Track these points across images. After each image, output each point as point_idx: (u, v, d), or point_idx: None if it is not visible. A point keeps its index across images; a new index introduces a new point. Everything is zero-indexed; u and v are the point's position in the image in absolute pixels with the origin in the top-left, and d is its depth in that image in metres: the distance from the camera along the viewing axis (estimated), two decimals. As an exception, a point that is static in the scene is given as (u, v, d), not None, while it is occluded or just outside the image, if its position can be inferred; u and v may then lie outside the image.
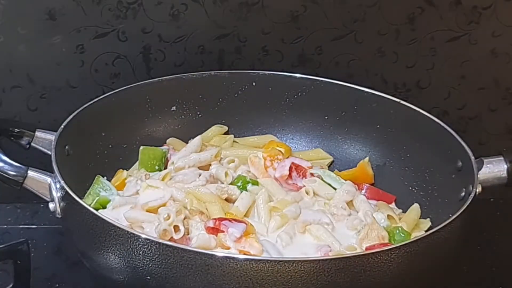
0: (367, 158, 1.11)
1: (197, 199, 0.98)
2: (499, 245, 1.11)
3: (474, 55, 1.17)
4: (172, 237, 0.92)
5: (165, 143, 1.12)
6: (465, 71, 1.18)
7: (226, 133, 1.15)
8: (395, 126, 1.10)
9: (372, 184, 1.09)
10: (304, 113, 1.15)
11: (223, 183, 1.03)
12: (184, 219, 0.94)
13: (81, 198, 0.90)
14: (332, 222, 0.98)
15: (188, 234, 0.94)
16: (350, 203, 1.01)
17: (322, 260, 0.83)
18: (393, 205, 1.06)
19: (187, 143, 1.11)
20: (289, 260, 0.82)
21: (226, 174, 1.03)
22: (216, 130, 1.14)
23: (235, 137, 1.15)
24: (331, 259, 0.84)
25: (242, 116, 1.15)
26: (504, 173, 0.98)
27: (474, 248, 1.03)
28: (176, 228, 0.92)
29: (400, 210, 1.05)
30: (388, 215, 1.00)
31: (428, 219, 1.02)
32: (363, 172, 1.10)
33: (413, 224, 1.00)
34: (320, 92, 1.13)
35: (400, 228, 0.97)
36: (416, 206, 1.03)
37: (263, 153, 1.07)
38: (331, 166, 1.13)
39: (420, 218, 1.02)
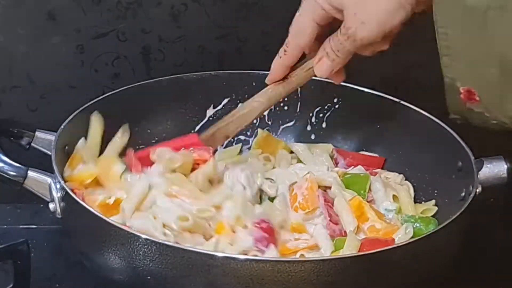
0: None
1: None
2: (499, 245, 1.11)
3: (474, 55, 1.17)
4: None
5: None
6: (465, 71, 1.18)
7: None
8: (395, 126, 1.10)
9: None
10: (304, 113, 1.15)
11: None
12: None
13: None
14: None
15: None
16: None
17: (322, 260, 0.83)
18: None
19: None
20: (289, 260, 0.82)
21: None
22: None
23: (234, 137, 1.15)
24: (331, 259, 0.84)
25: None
26: (504, 173, 0.98)
27: (474, 248, 1.03)
28: None
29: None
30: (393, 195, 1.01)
31: (428, 219, 1.02)
32: None
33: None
34: (320, 92, 1.13)
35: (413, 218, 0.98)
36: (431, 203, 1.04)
37: None
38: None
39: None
